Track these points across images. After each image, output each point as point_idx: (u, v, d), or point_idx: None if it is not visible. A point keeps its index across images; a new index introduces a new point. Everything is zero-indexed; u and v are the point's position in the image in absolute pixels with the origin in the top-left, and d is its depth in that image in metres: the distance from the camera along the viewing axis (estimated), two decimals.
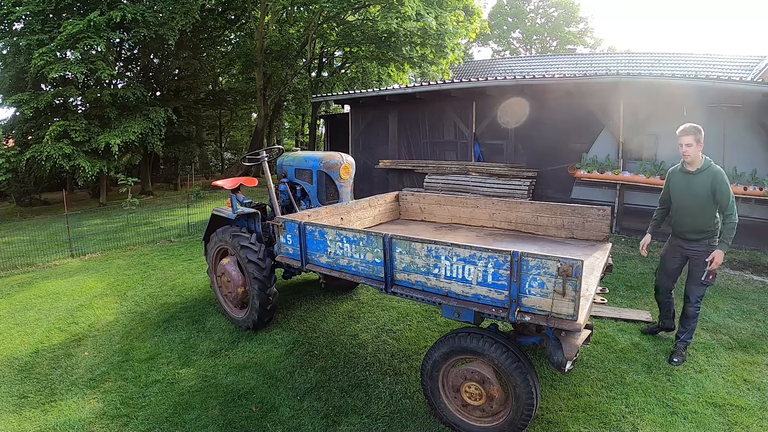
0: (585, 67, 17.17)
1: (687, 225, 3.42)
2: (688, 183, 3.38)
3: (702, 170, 3.31)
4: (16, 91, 12.50)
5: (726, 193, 3.17)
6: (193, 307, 4.79)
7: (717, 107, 6.72)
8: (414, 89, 9.70)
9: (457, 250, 2.37)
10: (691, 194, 3.34)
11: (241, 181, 4.56)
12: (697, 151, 3.33)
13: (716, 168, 3.26)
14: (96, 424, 2.90)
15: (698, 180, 3.31)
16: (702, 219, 3.33)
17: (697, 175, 3.33)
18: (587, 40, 34.31)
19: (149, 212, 11.31)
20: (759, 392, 3.04)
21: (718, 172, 3.23)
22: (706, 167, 3.30)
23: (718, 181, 3.20)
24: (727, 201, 3.18)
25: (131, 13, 11.49)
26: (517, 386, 2.38)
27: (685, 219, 3.43)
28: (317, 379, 3.31)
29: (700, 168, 3.32)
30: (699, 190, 3.29)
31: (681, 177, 3.47)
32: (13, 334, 4.32)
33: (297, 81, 16.73)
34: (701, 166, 3.32)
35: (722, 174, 3.22)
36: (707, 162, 3.32)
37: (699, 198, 3.30)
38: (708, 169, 3.28)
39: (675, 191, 3.50)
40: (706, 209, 3.30)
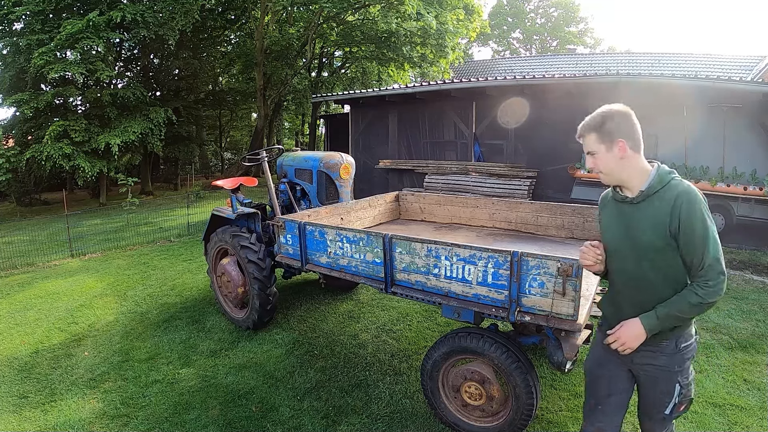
0: (585, 67, 17.17)
1: (626, 303, 1.79)
2: (625, 220, 1.74)
3: (650, 194, 1.66)
4: (16, 91, 12.50)
5: (702, 236, 1.56)
6: (193, 307, 4.79)
7: (717, 107, 6.72)
8: (414, 89, 9.70)
9: (457, 250, 2.37)
10: (631, 241, 1.71)
11: (241, 181, 4.56)
12: (614, 162, 1.71)
13: (682, 187, 1.61)
14: (96, 424, 2.90)
15: (642, 214, 1.68)
16: (652, 292, 1.70)
17: (639, 204, 1.69)
18: (587, 40, 34.33)
19: (149, 212, 11.31)
20: (759, 392, 3.04)
21: (683, 193, 1.59)
22: (658, 187, 1.65)
23: (685, 211, 1.57)
24: (703, 250, 1.57)
25: (131, 14, 11.49)
26: (517, 386, 2.38)
27: (624, 291, 1.80)
28: (317, 379, 3.31)
29: (646, 190, 1.67)
30: (644, 232, 1.67)
31: (614, 209, 1.80)
32: (13, 334, 4.32)
33: (297, 81, 16.72)
34: (648, 185, 1.67)
35: (693, 196, 1.58)
36: (662, 176, 1.66)
37: (644, 248, 1.67)
38: (663, 191, 1.64)
39: (606, 235, 1.83)
40: (660, 271, 1.67)
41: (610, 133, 1.71)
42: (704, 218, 1.58)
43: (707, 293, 1.60)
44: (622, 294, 1.81)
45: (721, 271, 1.59)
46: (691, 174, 6.96)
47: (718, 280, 1.59)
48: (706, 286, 1.60)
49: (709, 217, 1.60)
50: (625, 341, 1.73)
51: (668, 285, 1.69)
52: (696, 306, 1.62)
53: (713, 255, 1.58)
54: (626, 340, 1.72)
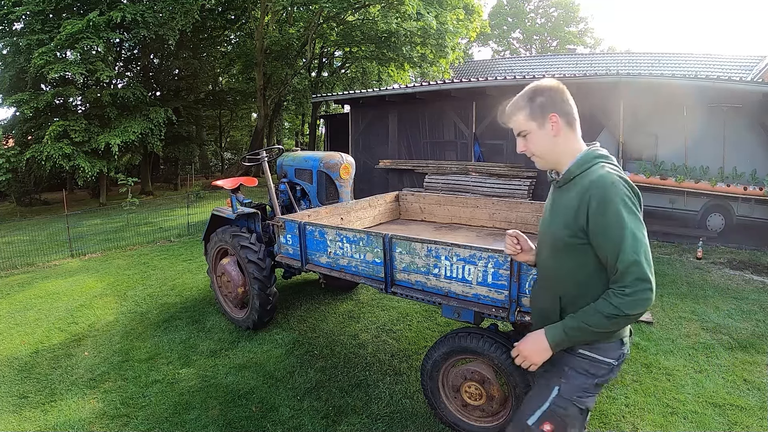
0: (585, 67, 17.18)
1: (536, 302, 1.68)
2: (549, 206, 1.62)
3: (568, 180, 1.49)
4: (16, 91, 12.50)
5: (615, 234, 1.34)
6: (193, 307, 4.79)
7: (717, 107, 6.73)
8: (414, 89, 9.70)
9: (457, 250, 2.37)
10: (548, 230, 1.57)
11: (241, 181, 4.56)
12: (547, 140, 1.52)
13: (598, 174, 1.40)
14: (96, 424, 2.90)
15: (559, 201, 1.53)
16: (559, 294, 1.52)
17: (560, 189, 1.54)
18: (587, 40, 34.33)
19: (149, 212, 11.31)
20: (759, 392, 3.04)
21: (596, 182, 1.38)
22: (576, 172, 1.47)
23: (595, 203, 1.37)
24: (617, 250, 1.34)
25: (131, 14, 11.49)
26: (517, 386, 2.38)
27: (536, 288, 1.70)
28: (317, 379, 3.31)
29: (565, 174, 1.51)
30: (556, 223, 1.50)
31: (550, 194, 1.67)
32: (13, 334, 4.32)
33: (297, 81, 16.72)
34: (567, 169, 1.50)
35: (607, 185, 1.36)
36: (585, 159, 1.47)
37: (555, 240, 1.51)
38: (581, 177, 1.45)
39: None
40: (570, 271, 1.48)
41: (542, 107, 1.50)
42: (619, 212, 1.34)
43: (623, 303, 1.32)
44: (535, 292, 1.64)
45: (640, 277, 1.31)
46: (691, 174, 6.96)
47: (637, 287, 1.31)
48: (621, 294, 1.33)
49: (628, 211, 1.34)
50: (526, 356, 1.52)
51: (577, 289, 1.45)
52: (611, 318, 1.35)
53: (630, 257, 1.31)
54: (528, 355, 1.51)
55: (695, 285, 5.13)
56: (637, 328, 4.02)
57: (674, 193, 7.22)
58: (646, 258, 1.33)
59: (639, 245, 1.33)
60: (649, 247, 1.37)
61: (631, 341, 1.58)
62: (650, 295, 1.33)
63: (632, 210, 1.36)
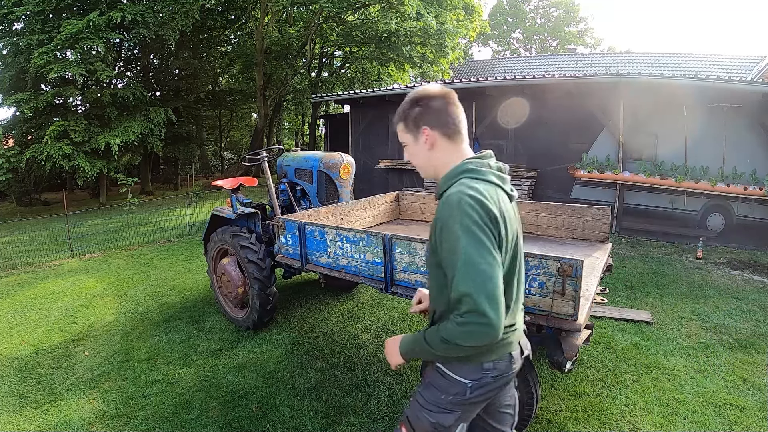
0: (585, 67, 17.17)
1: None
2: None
3: (439, 195, 1.41)
4: (16, 91, 12.51)
5: (450, 258, 1.27)
6: (193, 307, 4.79)
7: (717, 107, 6.73)
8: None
9: None
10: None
11: (241, 181, 4.56)
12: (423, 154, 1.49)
13: (451, 191, 1.32)
14: (96, 424, 2.90)
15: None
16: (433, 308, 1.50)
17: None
18: (587, 40, 34.33)
19: (149, 212, 11.31)
20: (759, 392, 3.04)
21: (446, 201, 1.32)
22: (443, 188, 1.39)
23: (440, 224, 1.31)
24: (452, 275, 1.26)
25: (131, 14, 11.49)
26: (516, 386, 2.38)
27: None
28: (317, 379, 3.31)
29: (438, 190, 1.44)
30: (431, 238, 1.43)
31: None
32: (13, 334, 4.32)
33: (297, 81, 16.73)
34: (439, 184, 1.45)
35: (454, 205, 1.27)
36: (451, 175, 1.40)
37: (427, 256, 1.50)
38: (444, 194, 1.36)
39: None
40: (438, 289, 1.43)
41: (415, 120, 1.45)
42: (456, 237, 1.23)
43: (454, 332, 1.24)
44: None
45: (472, 309, 1.20)
46: (691, 174, 6.96)
47: (469, 320, 1.21)
48: (455, 322, 1.24)
49: (469, 236, 1.22)
50: (386, 354, 1.54)
51: (445, 306, 1.37)
52: (443, 343, 1.28)
53: (461, 287, 1.21)
54: (387, 354, 1.54)
55: (695, 285, 5.13)
56: (637, 328, 4.02)
57: (674, 193, 7.22)
58: (484, 289, 1.20)
59: (474, 274, 1.21)
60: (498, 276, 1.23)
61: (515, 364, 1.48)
62: (486, 330, 1.20)
63: (474, 234, 1.23)
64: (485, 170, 1.36)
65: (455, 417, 1.43)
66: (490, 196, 1.30)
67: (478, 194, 1.27)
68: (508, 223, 1.32)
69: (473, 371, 1.40)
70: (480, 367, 1.40)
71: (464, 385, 1.40)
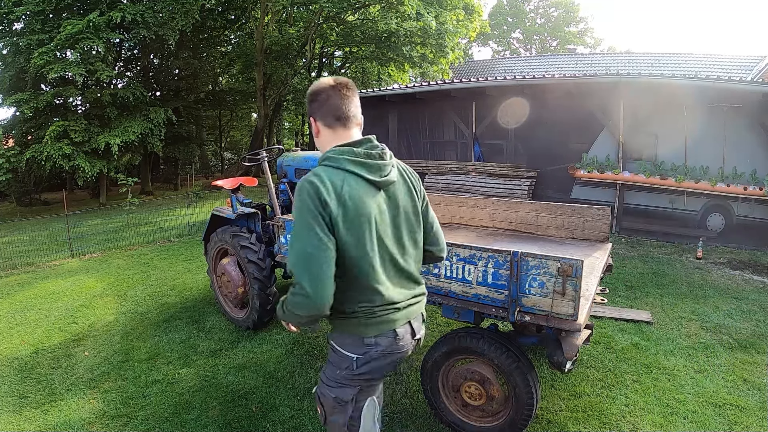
0: (585, 67, 17.18)
1: None
2: None
3: None
4: (16, 91, 12.50)
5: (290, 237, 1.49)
6: (193, 307, 4.79)
7: (717, 107, 6.73)
8: (414, 89, 9.70)
9: (457, 250, 2.37)
10: None
11: (241, 181, 4.56)
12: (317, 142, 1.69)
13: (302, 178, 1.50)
14: (96, 424, 2.90)
15: None
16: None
17: None
18: (587, 40, 34.32)
19: (149, 212, 11.31)
20: (759, 392, 3.04)
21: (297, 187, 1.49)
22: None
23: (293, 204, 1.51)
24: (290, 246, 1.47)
25: (131, 14, 11.49)
26: (517, 386, 2.38)
27: None
28: (317, 379, 3.30)
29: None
30: None
31: None
32: (13, 334, 4.32)
33: (297, 81, 16.72)
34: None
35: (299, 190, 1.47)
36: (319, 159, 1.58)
37: None
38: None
39: None
40: None
41: (309, 111, 1.65)
42: (294, 219, 1.45)
43: (288, 301, 1.46)
44: None
45: (297, 282, 1.40)
46: (691, 174, 6.97)
47: (295, 290, 1.41)
48: (289, 292, 1.45)
49: (300, 219, 1.42)
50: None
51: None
52: (285, 309, 1.49)
53: (290, 265, 1.41)
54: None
55: (695, 285, 5.13)
56: (637, 328, 4.02)
57: (674, 193, 7.22)
58: (306, 267, 1.38)
59: (300, 254, 1.39)
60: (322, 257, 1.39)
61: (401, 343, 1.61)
62: (307, 302, 1.39)
63: (303, 218, 1.41)
64: (341, 158, 1.48)
65: (353, 392, 1.59)
66: (331, 183, 1.43)
67: (317, 181, 1.43)
68: (353, 207, 1.43)
69: (358, 346, 1.56)
70: (362, 341, 1.55)
71: (351, 359, 1.56)
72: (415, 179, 1.69)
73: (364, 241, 1.46)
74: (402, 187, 1.61)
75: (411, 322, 1.64)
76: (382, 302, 1.53)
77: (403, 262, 1.59)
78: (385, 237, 1.53)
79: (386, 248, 1.54)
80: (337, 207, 1.42)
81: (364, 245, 1.47)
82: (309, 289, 1.38)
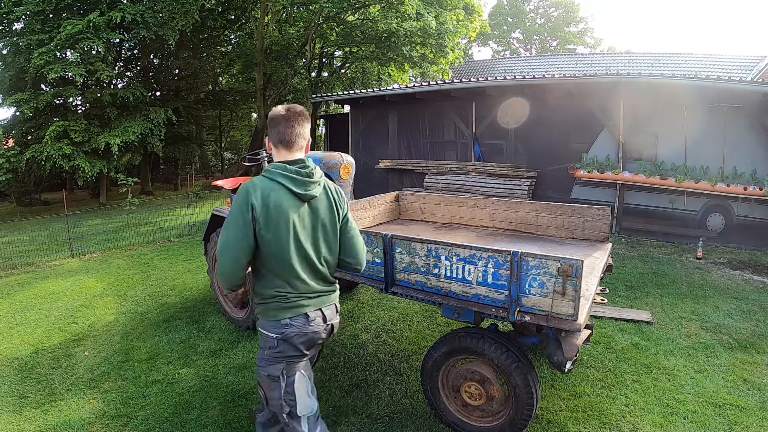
0: (585, 67, 17.17)
1: None
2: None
3: None
4: (16, 91, 12.50)
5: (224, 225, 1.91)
6: (193, 307, 4.79)
7: (717, 107, 6.73)
8: (414, 89, 9.70)
9: (457, 250, 2.37)
10: None
11: (241, 181, 4.55)
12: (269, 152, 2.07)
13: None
14: (96, 424, 2.90)
15: None
16: None
17: None
18: (587, 40, 34.32)
19: (149, 212, 11.31)
20: (759, 392, 3.04)
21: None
22: None
23: None
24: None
25: (131, 14, 11.49)
26: (517, 386, 2.38)
27: None
28: (317, 379, 3.31)
29: None
30: None
31: None
32: (13, 334, 4.32)
33: (297, 81, 16.71)
34: None
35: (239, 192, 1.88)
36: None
37: None
38: None
39: None
40: None
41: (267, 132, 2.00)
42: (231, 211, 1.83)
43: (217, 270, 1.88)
44: None
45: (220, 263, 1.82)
46: (691, 174, 6.96)
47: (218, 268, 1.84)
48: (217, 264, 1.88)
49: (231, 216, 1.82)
50: None
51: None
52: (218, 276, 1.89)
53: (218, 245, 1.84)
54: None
55: (695, 285, 5.13)
56: (637, 328, 4.02)
57: (674, 193, 7.22)
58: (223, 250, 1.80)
59: (223, 240, 1.81)
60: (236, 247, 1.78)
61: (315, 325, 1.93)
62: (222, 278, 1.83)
63: (233, 213, 1.80)
64: (276, 172, 1.85)
65: (281, 367, 1.89)
66: (261, 190, 1.80)
67: (251, 188, 1.81)
68: (275, 211, 1.79)
69: (276, 327, 1.88)
70: (279, 323, 1.88)
71: (272, 338, 1.88)
72: (339, 198, 2.02)
73: (281, 239, 1.82)
74: (324, 203, 1.95)
75: (323, 309, 1.96)
76: (295, 291, 1.88)
77: (317, 262, 1.92)
78: (303, 239, 1.87)
79: (303, 248, 1.87)
80: (261, 210, 1.78)
81: (281, 243, 1.82)
82: (227, 269, 1.80)
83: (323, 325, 1.96)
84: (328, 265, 1.99)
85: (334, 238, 1.99)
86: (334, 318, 2.04)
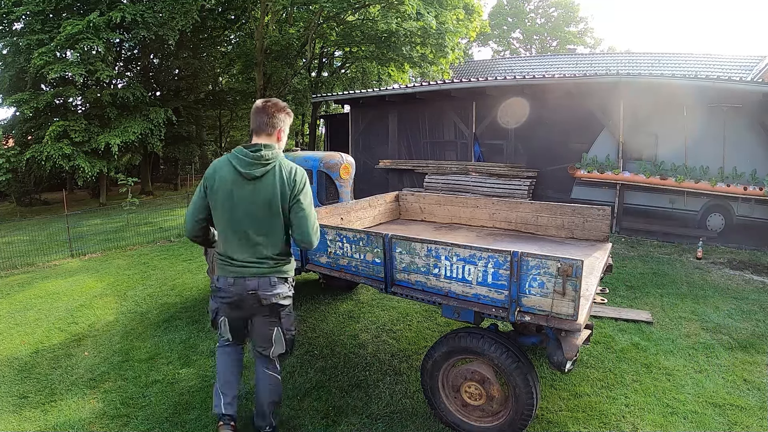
0: (585, 67, 17.17)
1: None
2: None
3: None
4: (16, 91, 12.51)
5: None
6: (193, 307, 4.79)
7: (717, 107, 6.73)
8: (414, 89, 9.70)
9: (457, 250, 2.37)
10: None
11: None
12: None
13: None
14: (96, 424, 2.90)
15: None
16: None
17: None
18: (587, 40, 34.33)
19: (149, 212, 11.31)
20: (759, 392, 3.04)
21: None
22: None
23: None
24: None
25: (131, 14, 11.50)
26: (517, 386, 2.38)
27: None
28: (317, 379, 3.31)
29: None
30: None
31: None
32: (13, 334, 4.32)
33: (297, 81, 16.71)
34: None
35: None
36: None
37: None
38: None
39: None
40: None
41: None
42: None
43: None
44: None
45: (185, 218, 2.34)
46: (691, 174, 6.96)
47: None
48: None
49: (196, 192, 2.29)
50: None
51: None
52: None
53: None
54: None
55: (695, 285, 5.13)
56: (637, 328, 4.02)
57: (674, 193, 7.22)
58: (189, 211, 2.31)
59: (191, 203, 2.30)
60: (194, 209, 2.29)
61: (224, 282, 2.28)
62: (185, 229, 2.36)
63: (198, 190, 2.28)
64: (234, 152, 2.21)
65: (215, 305, 2.39)
66: (215, 165, 2.24)
67: (213, 164, 2.25)
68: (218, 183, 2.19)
69: (214, 280, 2.36)
70: (216, 278, 2.32)
71: (212, 286, 2.39)
72: (290, 181, 2.22)
73: (219, 208, 2.21)
74: (272, 183, 2.18)
75: (247, 278, 2.22)
76: (224, 254, 2.26)
77: (254, 235, 2.21)
78: (241, 212, 2.18)
79: (236, 220, 2.19)
80: (212, 181, 2.21)
81: (218, 210, 2.22)
82: (186, 219, 2.31)
83: (245, 292, 2.23)
84: (266, 239, 2.24)
85: (277, 216, 2.22)
86: (265, 290, 2.25)
